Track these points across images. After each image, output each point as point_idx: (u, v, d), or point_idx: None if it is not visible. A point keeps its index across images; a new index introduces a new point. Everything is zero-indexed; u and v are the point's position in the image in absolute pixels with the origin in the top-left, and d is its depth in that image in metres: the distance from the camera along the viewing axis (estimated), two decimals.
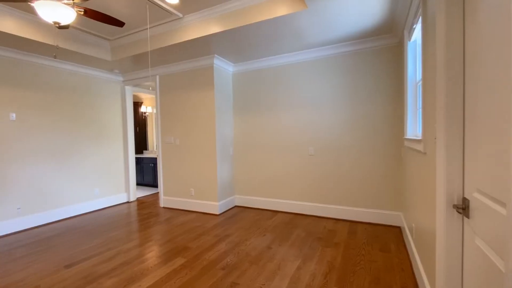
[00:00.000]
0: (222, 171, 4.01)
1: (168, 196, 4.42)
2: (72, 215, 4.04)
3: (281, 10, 2.55)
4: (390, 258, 2.41)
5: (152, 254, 2.64)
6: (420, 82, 2.26)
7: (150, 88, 4.20)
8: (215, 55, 3.68)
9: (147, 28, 3.33)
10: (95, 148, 4.40)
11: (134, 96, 6.47)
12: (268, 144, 4.00)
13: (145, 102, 6.73)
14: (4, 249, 2.86)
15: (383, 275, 2.14)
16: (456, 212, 1.26)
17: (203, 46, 3.35)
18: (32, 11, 2.86)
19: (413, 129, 2.59)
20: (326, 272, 2.20)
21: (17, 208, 3.44)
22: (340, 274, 2.18)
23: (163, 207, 4.42)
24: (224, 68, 4.03)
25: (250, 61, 4.00)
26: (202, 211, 4.05)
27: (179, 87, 4.16)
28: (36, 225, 3.61)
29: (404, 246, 2.66)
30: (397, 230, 3.07)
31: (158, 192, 5.63)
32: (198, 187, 4.08)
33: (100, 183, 4.47)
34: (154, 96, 6.47)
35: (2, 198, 3.29)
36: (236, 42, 3.23)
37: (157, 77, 4.35)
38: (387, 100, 3.22)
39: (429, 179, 1.65)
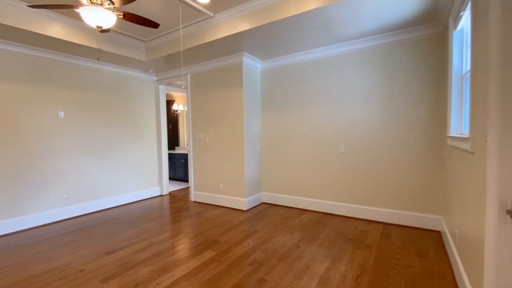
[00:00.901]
0: (250, 168, 4.04)
1: (198, 191, 4.57)
2: (110, 206, 4.35)
3: (312, 4, 2.47)
4: (428, 264, 2.25)
5: (183, 246, 2.75)
6: (468, 74, 2.06)
7: (183, 87, 4.35)
8: (244, 52, 3.70)
9: (179, 28, 3.44)
10: (132, 144, 4.68)
11: (167, 95, 6.76)
12: (296, 141, 3.94)
13: (177, 100, 7.01)
14: (54, 234, 3.17)
15: (421, 282, 2.00)
16: (510, 218, 1.13)
17: (232, 44, 3.39)
18: (76, 17, 3.10)
19: (458, 126, 2.38)
20: (357, 275, 2.12)
21: (65, 198, 3.79)
22: (372, 277, 2.08)
23: (193, 201, 4.58)
24: (253, 65, 4.04)
25: (279, 57, 3.96)
26: (230, 206, 4.13)
27: (209, 85, 4.26)
28: (80, 214, 3.95)
29: (445, 252, 2.46)
30: (436, 235, 2.86)
31: (189, 187, 5.84)
32: (226, 183, 4.16)
33: (136, 177, 4.75)
34: (185, 94, 6.70)
35: (53, 189, 3.65)
36: (266, 39, 3.21)
37: (188, 76, 4.50)
38: (426, 94, 2.99)
39: (477, 181, 1.50)
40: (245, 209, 3.94)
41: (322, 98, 3.68)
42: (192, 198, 4.65)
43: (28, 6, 2.00)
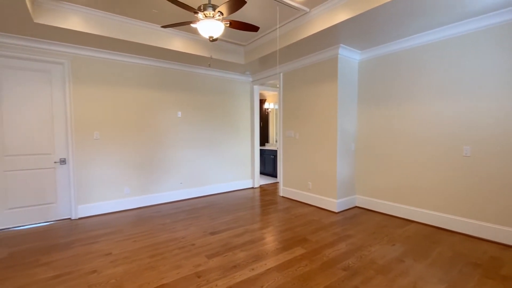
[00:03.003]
0: (342, 168, 3.80)
1: (286, 187, 4.66)
2: (212, 193, 4.99)
3: None
4: None
5: (274, 238, 2.86)
6: None
7: (277, 86, 4.51)
8: (341, 44, 3.49)
9: (276, 28, 3.57)
10: (230, 139, 5.21)
11: (259, 94, 7.16)
12: (401, 140, 3.44)
13: (268, 99, 7.34)
14: (173, 211, 3.89)
15: None
16: None
17: (328, 37, 3.25)
18: (192, 31, 3.66)
19: None
20: None
21: (180, 183, 4.59)
22: None
23: (282, 196, 4.71)
24: (349, 57, 3.76)
25: (382, 45, 3.53)
26: (319, 206, 4.02)
27: (301, 83, 4.25)
28: (190, 197, 4.70)
29: None
30: None
31: (277, 182, 6.05)
32: (316, 182, 4.07)
33: (232, 169, 5.27)
34: (276, 93, 6.94)
35: (171, 174, 4.48)
36: (366, 26, 2.93)
37: (281, 74, 4.62)
38: None
39: None
40: (336, 210, 3.75)
41: (438, 88, 3.07)
42: (281, 193, 4.78)
43: (161, 27, 2.50)
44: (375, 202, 3.77)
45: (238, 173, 5.38)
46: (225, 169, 5.16)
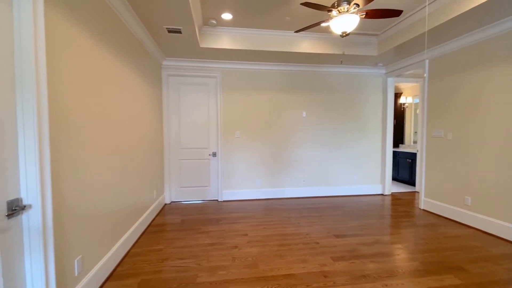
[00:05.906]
0: None
1: (430, 199, 3.83)
2: (335, 195, 4.82)
3: None
4: None
5: (412, 257, 2.42)
6: None
7: (424, 75, 3.81)
8: None
9: (425, 6, 2.97)
10: (356, 139, 4.85)
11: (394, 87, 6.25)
12: None
13: (404, 92, 6.29)
14: (296, 207, 4.06)
15: None
16: None
17: (506, 3, 2.39)
18: (319, 30, 3.66)
19: None
20: None
21: (303, 180, 4.72)
22: None
23: (423, 210, 3.92)
24: None
25: None
26: (482, 229, 3.05)
27: (456, 69, 3.35)
28: (312, 195, 4.75)
29: None
30: None
31: (415, 192, 5.09)
32: (478, 197, 3.11)
33: (358, 172, 4.89)
34: (417, 84, 5.85)
35: (295, 171, 4.68)
36: None
37: (426, 61, 3.82)
38: None
39: None
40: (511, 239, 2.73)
41: None
42: (421, 205, 3.98)
43: (295, 32, 2.65)
44: None
45: (365, 177, 4.92)
46: (350, 171, 4.86)
